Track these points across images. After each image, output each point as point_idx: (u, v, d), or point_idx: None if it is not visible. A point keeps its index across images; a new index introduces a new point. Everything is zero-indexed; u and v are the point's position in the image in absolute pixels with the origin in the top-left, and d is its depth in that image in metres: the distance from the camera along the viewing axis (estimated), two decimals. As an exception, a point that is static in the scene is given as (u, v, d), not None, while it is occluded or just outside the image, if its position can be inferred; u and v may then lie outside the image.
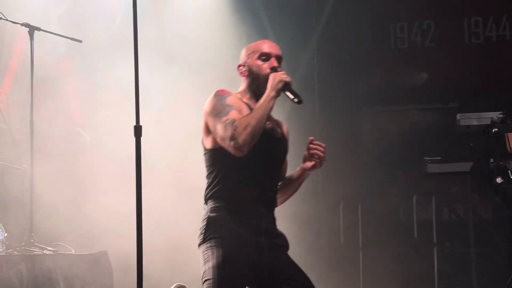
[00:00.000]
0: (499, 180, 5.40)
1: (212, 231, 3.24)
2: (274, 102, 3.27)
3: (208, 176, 3.36)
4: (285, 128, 3.56)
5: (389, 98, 8.15)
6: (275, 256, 3.29)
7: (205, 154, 3.37)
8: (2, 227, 5.63)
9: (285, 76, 3.30)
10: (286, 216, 6.97)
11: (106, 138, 6.61)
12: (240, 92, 3.44)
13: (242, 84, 3.46)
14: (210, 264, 3.16)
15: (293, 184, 3.51)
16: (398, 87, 8.17)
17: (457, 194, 7.76)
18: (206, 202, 3.34)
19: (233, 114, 3.20)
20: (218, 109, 3.24)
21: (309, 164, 3.42)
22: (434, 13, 8.13)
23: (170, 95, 6.44)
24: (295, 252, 6.79)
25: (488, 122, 5.79)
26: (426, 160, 6.47)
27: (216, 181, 3.31)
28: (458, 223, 7.67)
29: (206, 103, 3.30)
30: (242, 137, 3.13)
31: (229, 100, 3.28)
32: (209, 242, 3.23)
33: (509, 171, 5.43)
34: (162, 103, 6.28)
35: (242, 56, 3.46)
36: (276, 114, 3.44)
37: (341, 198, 7.80)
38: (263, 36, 7.64)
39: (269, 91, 3.26)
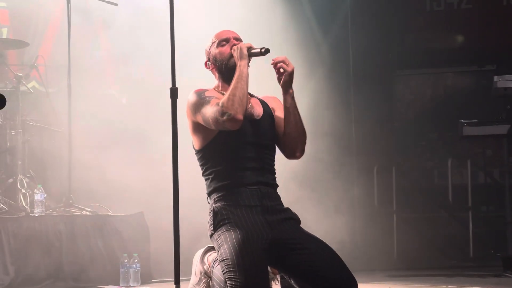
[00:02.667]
0: (537, 142, 5.34)
1: (220, 219, 3.32)
2: (247, 68, 3.36)
3: (204, 175, 3.46)
4: (272, 103, 3.59)
5: (424, 60, 8.06)
6: (284, 228, 3.32)
7: (196, 155, 3.47)
8: (42, 188, 5.73)
9: (243, 43, 3.42)
10: (320, 180, 7.05)
11: (142, 100, 6.67)
12: (215, 86, 3.54)
13: (216, 79, 3.55)
14: (226, 246, 3.20)
15: (288, 113, 3.47)
16: (434, 50, 8.07)
17: (493, 157, 7.69)
18: (208, 197, 3.44)
19: (215, 101, 3.30)
20: (199, 103, 3.34)
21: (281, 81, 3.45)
22: (471, -26, 8.01)
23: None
24: (329, 215, 6.86)
25: (526, 83, 5.73)
26: (462, 122, 6.42)
27: (212, 176, 3.40)
28: (494, 186, 7.61)
29: (187, 103, 3.39)
30: (232, 108, 3.21)
31: (207, 93, 3.39)
32: (220, 229, 3.30)
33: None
34: (199, 65, 6.28)
35: (205, 55, 3.56)
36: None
37: (375, 161, 7.78)
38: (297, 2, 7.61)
39: (238, 63, 3.37)
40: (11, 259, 5.27)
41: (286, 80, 3.43)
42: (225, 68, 3.47)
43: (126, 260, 5.43)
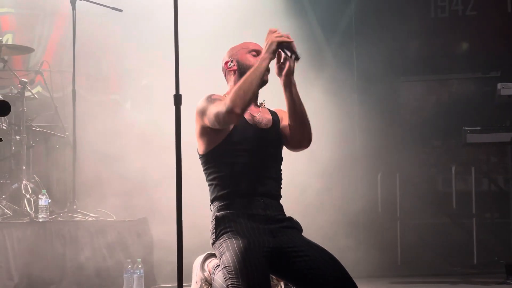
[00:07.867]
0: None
1: (222, 227, 3.32)
2: (267, 64, 3.26)
3: (207, 180, 3.44)
4: (282, 113, 3.52)
5: (428, 67, 8.08)
6: (286, 236, 3.32)
7: (200, 159, 3.45)
8: (46, 193, 5.75)
9: (279, 36, 3.27)
10: (324, 187, 7.04)
11: (146, 106, 6.68)
12: (227, 92, 3.46)
13: (229, 83, 3.49)
14: (228, 254, 3.20)
15: (289, 101, 3.37)
16: (438, 56, 8.08)
17: (497, 165, 7.69)
18: (211, 204, 3.43)
19: (221, 102, 3.26)
20: (207, 106, 3.31)
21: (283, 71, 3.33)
22: (476, -19, 8.02)
23: (211, 63, 6.39)
24: (333, 222, 6.86)
25: (530, 91, 5.74)
26: (466, 130, 6.43)
27: (215, 183, 3.39)
28: (498, 193, 7.61)
29: (196, 108, 3.36)
30: (232, 99, 3.17)
31: (215, 96, 3.35)
32: (222, 237, 3.29)
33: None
34: (202, 72, 6.29)
35: (227, 55, 3.49)
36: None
37: (379, 168, 7.78)
38: (301, 8, 7.63)
39: (263, 54, 3.27)
40: (15, 265, 5.28)
41: (291, 67, 3.33)
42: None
43: (129, 266, 5.43)
